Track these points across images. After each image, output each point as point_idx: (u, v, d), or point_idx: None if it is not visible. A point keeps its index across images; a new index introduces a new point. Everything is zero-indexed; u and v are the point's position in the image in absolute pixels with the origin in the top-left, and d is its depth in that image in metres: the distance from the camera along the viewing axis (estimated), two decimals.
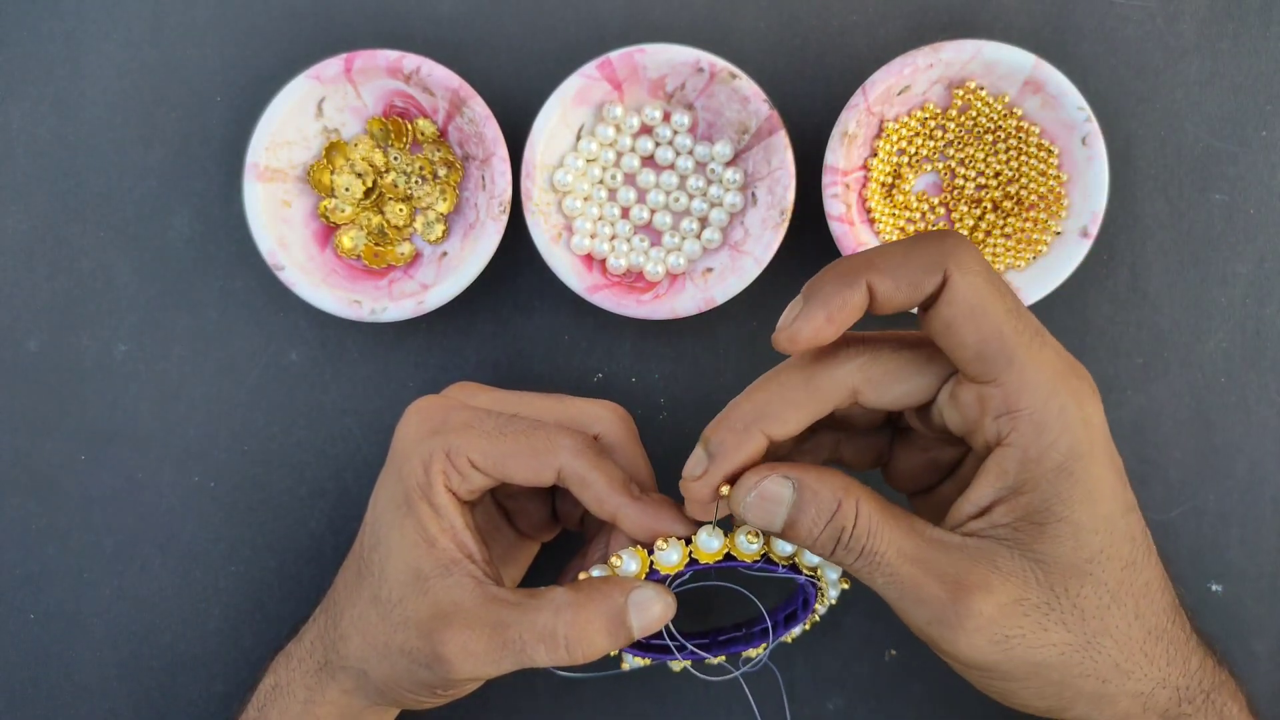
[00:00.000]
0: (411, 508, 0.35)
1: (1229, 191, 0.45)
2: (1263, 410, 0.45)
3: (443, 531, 0.35)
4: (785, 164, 0.42)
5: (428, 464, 0.35)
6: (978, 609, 0.30)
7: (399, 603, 0.35)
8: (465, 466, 0.35)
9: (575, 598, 0.34)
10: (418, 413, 0.37)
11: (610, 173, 0.45)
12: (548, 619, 0.34)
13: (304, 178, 0.45)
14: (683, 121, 0.45)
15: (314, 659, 0.38)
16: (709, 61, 0.42)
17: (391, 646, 0.35)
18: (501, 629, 0.34)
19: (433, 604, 0.34)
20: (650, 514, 0.35)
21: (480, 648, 0.34)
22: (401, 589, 0.35)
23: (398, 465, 0.36)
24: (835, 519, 0.31)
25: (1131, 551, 0.32)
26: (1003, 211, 0.44)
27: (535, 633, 0.34)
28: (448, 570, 0.35)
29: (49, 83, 0.47)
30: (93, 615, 0.46)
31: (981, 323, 0.30)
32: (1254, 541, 0.45)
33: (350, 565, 0.38)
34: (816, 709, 0.45)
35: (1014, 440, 0.31)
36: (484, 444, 0.35)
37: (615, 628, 0.34)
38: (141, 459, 0.46)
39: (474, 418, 0.36)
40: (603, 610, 0.34)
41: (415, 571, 0.35)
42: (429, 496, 0.35)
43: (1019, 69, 0.42)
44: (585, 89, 0.43)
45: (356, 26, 0.46)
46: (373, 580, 0.36)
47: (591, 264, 0.45)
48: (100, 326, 0.46)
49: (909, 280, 0.30)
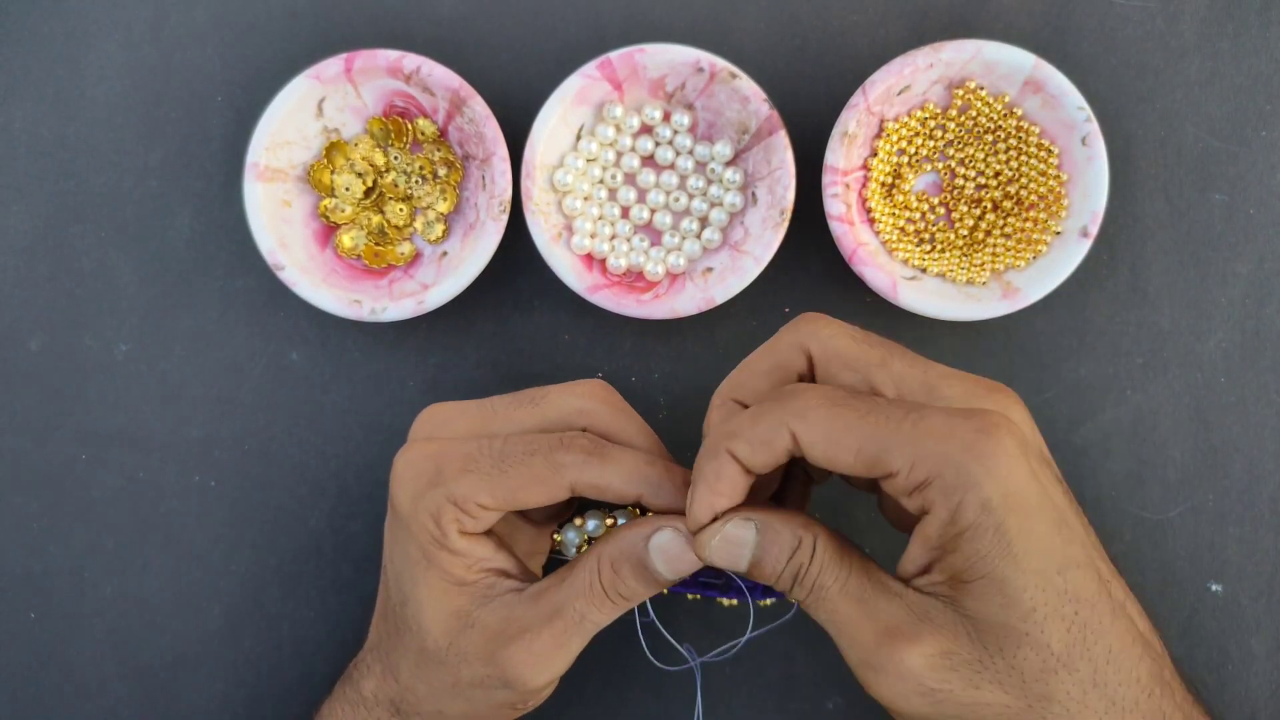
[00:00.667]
0: (432, 561, 0.35)
1: (1229, 191, 0.45)
2: (1261, 410, 0.45)
3: (469, 569, 0.35)
4: (785, 164, 0.42)
5: (436, 517, 0.34)
6: (901, 657, 0.31)
7: (449, 646, 0.35)
8: (475, 510, 0.34)
9: (603, 549, 0.34)
10: (408, 467, 0.35)
11: (610, 172, 0.45)
12: (586, 576, 0.34)
13: (304, 177, 0.45)
14: (683, 121, 0.45)
15: (383, 704, 0.37)
16: (709, 61, 0.42)
17: (461, 684, 0.35)
18: (557, 615, 0.34)
19: (483, 632, 0.34)
20: (670, 493, 0.35)
21: (545, 645, 0.34)
22: (447, 635, 0.35)
23: (405, 524, 0.35)
24: (795, 557, 0.32)
25: (1079, 613, 0.30)
26: (1003, 211, 0.44)
27: (583, 596, 0.34)
28: (486, 598, 0.35)
29: (49, 83, 0.47)
30: (93, 615, 0.46)
31: (844, 447, 0.31)
32: (1252, 541, 0.45)
33: (384, 618, 0.38)
34: (816, 708, 0.45)
35: (931, 509, 0.31)
36: (488, 484, 0.34)
37: (642, 572, 0.34)
38: (142, 459, 0.46)
39: (467, 459, 0.35)
40: (627, 555, 0.34)
41: (454, 613, 0.35)
42: (446, 545, 0.34)
43: (1019, 69, 0.42)
44: (585, 89, 0.43)
45: (356, 26, 0.46)
46: (412, 636, 0.35)
47: (591, 264, 0.45)
48: (101, 326, 0.46)
49: (762, 446, 0.32)
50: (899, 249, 0.44)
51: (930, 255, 0.45)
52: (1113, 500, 0.45)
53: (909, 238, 0.45)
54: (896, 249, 0.44)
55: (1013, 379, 0.45)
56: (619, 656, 0.46)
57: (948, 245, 0.45)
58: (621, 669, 0.46)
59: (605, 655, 0.46)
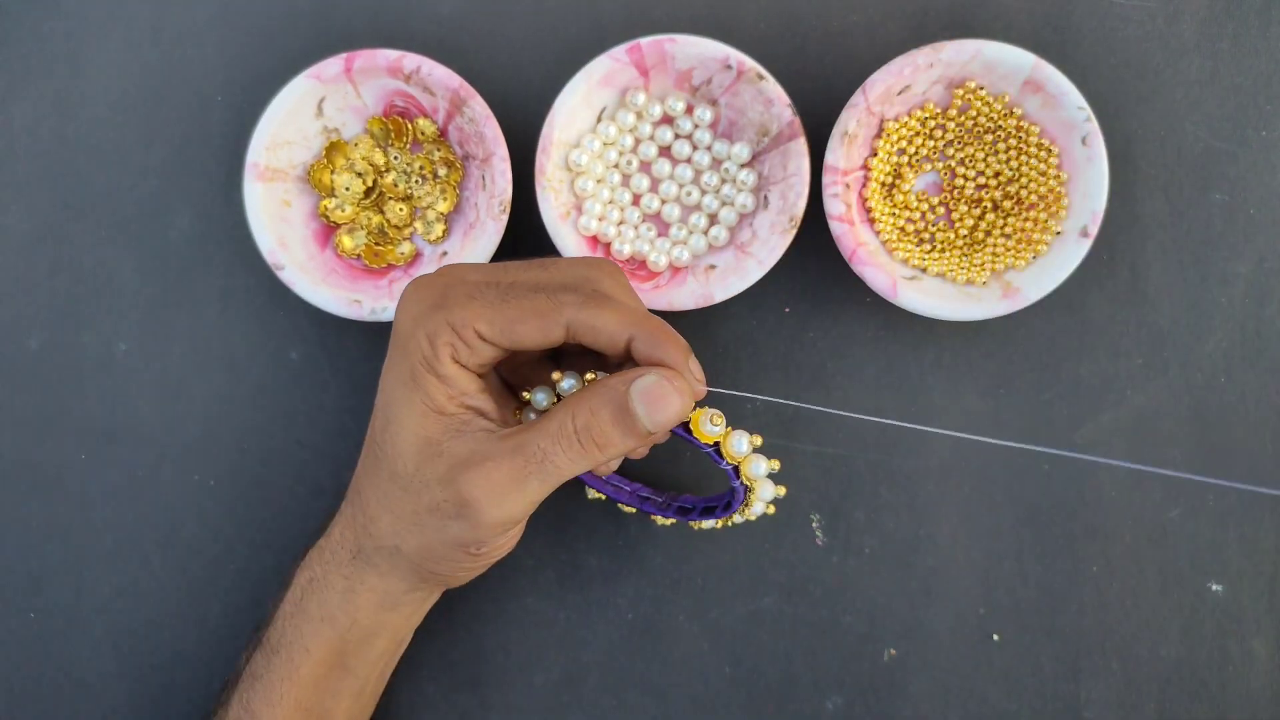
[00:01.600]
0: (419, 382, 0.35)
1: (1229, 191, 0.45)
2: (1262, 410, 0.45)
3: (450, 399, 0.35)
4: (801, 171, 0.42)
5: (433, 338, 0.35)
6: None
7: (416, 471, 0.35)
8: (472, 338, 0.35)
9: (583, 395, 0.35)
10: (416, 290, 0.36)
11: (626, 158, 0.45)
12: (559, 419, 0.34)
13: (304, 177, 0.45)
14: (705, 116, 0.45)
15: (346, 548, 0.38)
16: (738, 59, 0.42)
17: (420, 510, 0.35)
18: (520, 450, 0.34)
19: (449, 459, 0.35)
20: (662, 342, 0.35)
21: (503, 475, 0.34)
22: (416, 459, 0.35)
23: (402, 344, 0.36)
24: None
25: None
26: (1003, 211, 0.44)
27: (550, 436, 0.34)
28: (459, 432, 0.35)
29: (50, 82, 0.47)
30: (93, 613, 0.46)
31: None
32: (1253, 541, 0.45)
33: (367, 452, 0.38)
34: (816, 708, 0.45)
35: None
36: (489, 313, 0.35)
37: (621, 416, 0.34)
38: (142, 457, 0.46)
39: (474, 289, 0.35)
40: (607, 399, 0.34)
41: (426, 440, 0.35)
42: (435, 368, 0.35)
43: (1019, 69, 0.42)
44: (612, 72, 0.43)
45: (356, 26, 0.46)
46: (388, 459, 0.36)
47: (596, 246, 0.45)
48: (101, 325, 0.46)
49: None
50: (899, 249, 0.44)
51: (930, 255, 0.45)
52: (1113, 500, 0.45)
53: (909, 238, 0.45)
54: (896, 249, 0.44)
55: (1013, 379, 0.45)
56: (619, 656, 0.46)
57: (948, 245, 0.45)
58: (622, 669, 0.46)
59: (605, 655, 0.46)
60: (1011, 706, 0.45)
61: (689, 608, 0.46)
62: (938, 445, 0.45)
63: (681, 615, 0.46)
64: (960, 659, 0.45)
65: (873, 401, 0.45)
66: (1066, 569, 0.45)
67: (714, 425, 0.35)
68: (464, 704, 0.46)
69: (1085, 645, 0.45)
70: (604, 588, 0.46)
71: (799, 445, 0.45)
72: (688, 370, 0.35)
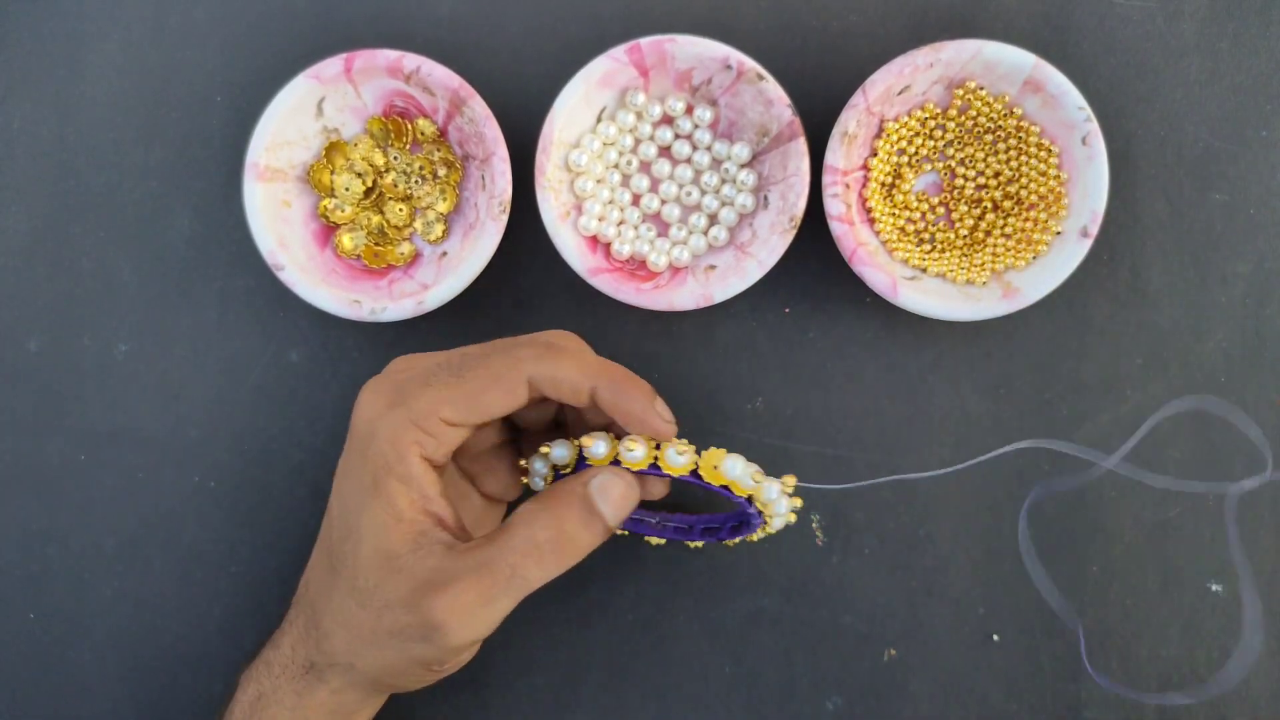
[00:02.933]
0: (379, 488, 0.34)
1: (1229, 191, 0.45)
2: (1262, 410, 0.45)
3: (411, 504, 0.34)
4: (801, 172, 0.42)
5: (395, 439, 0.34)
6: None
7: (376, 588, 0.34)
8: (437, 427, 0.34)
9: (542, 502, 0.34)
10: (370, 393, 0.36)
11: (626, 159, 0.45)
12: (524, 534, 0.34)
13: (304, 178, 0.45)
14: (705, 116, 0.45)
15: (298, 663, 0.37)
16: (738, 60, 0.42)
17: (379, 632, 0.34)
18: (487, 568, 0.33)
19: (410, 579, 0.34)
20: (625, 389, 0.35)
21: (471, 597, 0.33)
22: (377, 574, 0.34)
23: (360, 448, 0.35)
24: None
25: None
26: (1003, 211, 0.44)
27: (518, 553, 0.33)
28: (417, 544, 0.34)
29: (49, 83, 0.47)
30: (93, 616, 0.46)
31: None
32: (1253, 541, 0.45)
33: (319, 561, 0.37)
34: (816, 708, 0.45)
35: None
36: (448, 394, 0.34)
37: (587, 517, 0.34)
38: (142, 459, 0.46)
39: (427, 375, 0.35)
40: (569, 504, 0.34)
41: (386, 554, 0.34)
42: (398, 471, 0.34)
43: (1019, 69, 0.42)
44: (612, 72, 0.43)
45: (356, 26, 0.46)
46: (347, 571, 0.35)
47: (596, 246, 0.45)
48: (101, 326, 0.46)
49: None
50: (899, 249, 0.44)
51: (930, 255, 0.45)
52: (1113, 501, 0.45)
53: (909, 238, 0.45)
54: (896, 249, 0.44)
55: (1013, 379, 0.45)
56: (619, 656, 0.46)
57: (948, 245, 0.45)
58: (622, 669, 0.46)
59: (605, 655, 0.46)
60: (1011, 706, 0.45)
61: (689, 608, 0.46)
62: (938, 446, 0.45)
63: (681, 615, 0.46)
64: (960, 659, 0.45)
65: (873, 401, 0.45)
66: (1067, 569, 0.45)
67: (680, 455, 0.34)
68: (464, 704, 0.46)
69: (1085, 645, 0.45)
70: (604, 588, 0.46)
71: (799, 445, 0.46)
72: (653, 412, 0.35)
